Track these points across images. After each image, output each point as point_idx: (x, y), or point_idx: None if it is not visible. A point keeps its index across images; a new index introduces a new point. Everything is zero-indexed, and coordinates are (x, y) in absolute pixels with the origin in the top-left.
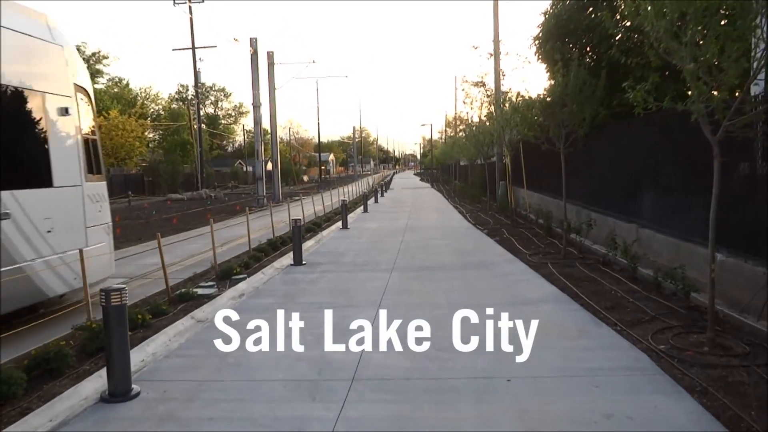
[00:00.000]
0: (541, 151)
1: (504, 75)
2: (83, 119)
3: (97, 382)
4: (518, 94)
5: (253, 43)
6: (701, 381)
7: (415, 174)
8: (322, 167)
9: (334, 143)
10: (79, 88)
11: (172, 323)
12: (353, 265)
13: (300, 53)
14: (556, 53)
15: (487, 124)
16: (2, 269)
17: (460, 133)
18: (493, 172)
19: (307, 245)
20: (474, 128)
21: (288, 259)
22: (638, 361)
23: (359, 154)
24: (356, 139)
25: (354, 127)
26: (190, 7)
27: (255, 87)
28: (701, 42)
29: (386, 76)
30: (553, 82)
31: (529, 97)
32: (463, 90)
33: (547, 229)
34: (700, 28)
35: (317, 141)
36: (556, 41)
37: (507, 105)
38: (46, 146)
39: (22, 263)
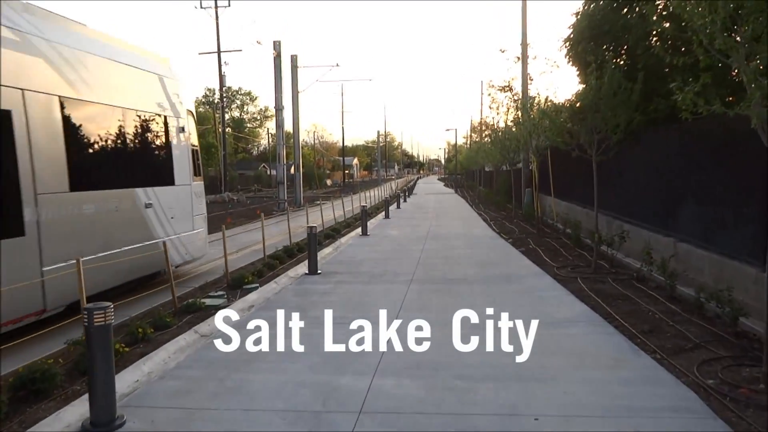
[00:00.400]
0: (570, 158)
1: (531, 80)
2: (191, 134)
3: (82, 407)
4: (547, 98)
5: (277, 46)
6: (759, 428)
7: (439, 179)
8: (346, 171)
9: (358, 147)
10: (188, 111)
11: (174, 338)
12: (370, 276)
13: (324, 56)
14: (589, 55)
15: (514, 129)
16: (145, 243)
17: (486, 139)
18: (519, 179)
19: (325, 252)
20: (500, 133)
21: (303, 267)
22: (685, 399)
23: (383, 159)
24: (380, 144)
25: (378, 132)
26: (216, 12)
27: (278, 90)
28: (759, 38)
29: (411, 80)
30: (584, 85)
31: (559, 102)
32: (489, 95)
33: (576, 240)
34: (762, 19)
35: (341, 145)
36: (589, 42)
37: (535, 110)
38: (171, 155)
39: (158, 240)
